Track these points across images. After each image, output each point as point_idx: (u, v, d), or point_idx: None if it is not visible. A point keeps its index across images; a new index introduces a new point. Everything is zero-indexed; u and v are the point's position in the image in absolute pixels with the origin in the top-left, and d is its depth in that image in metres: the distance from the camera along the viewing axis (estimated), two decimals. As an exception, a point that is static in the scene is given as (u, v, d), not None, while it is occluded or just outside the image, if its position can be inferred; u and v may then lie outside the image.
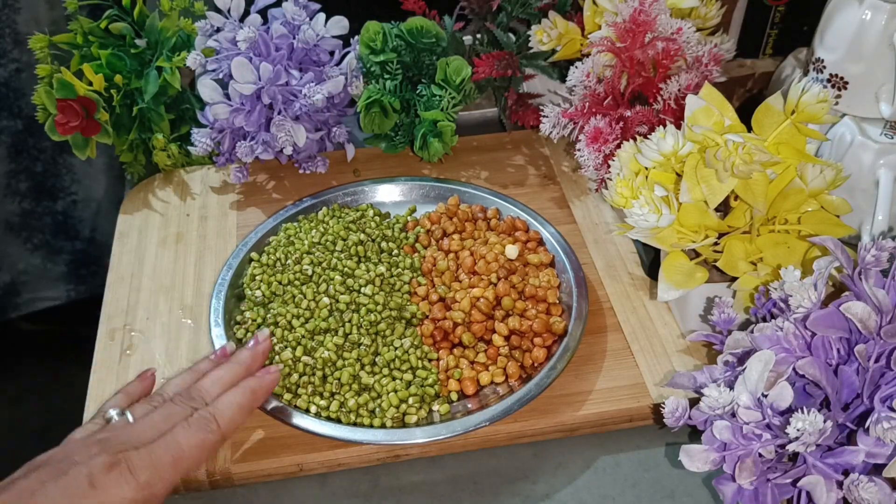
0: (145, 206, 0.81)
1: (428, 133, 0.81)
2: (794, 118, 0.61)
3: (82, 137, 0.78)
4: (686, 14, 0.78)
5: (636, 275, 0.74)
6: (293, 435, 0.60)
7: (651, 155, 0.64)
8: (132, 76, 0.80)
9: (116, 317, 0.70)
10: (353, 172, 0.85)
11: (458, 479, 0.61)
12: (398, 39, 0.81)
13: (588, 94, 0.75)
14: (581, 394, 0.64)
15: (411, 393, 0.62)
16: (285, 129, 0.77)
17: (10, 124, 1.34)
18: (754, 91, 0.88)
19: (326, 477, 0.61)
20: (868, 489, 0.48)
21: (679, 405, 0.55)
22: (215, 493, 0.60)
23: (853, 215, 0.67)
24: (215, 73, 0.78)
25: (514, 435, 0.62)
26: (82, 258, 1.53)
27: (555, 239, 0.74)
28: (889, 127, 0.71)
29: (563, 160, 0.86)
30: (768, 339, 0.54)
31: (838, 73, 0.71)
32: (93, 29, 0.81)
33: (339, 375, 0.63)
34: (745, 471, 0.51)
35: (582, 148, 0.73)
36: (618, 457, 0.63)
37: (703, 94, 0.64)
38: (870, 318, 0.52)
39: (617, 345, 0.68)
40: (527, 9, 0.83)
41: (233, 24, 0.79)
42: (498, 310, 0.67)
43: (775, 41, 0.90)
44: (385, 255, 0.73)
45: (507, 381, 0.64)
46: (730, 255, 0.63)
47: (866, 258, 0.54)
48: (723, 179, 0.60)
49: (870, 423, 0.49)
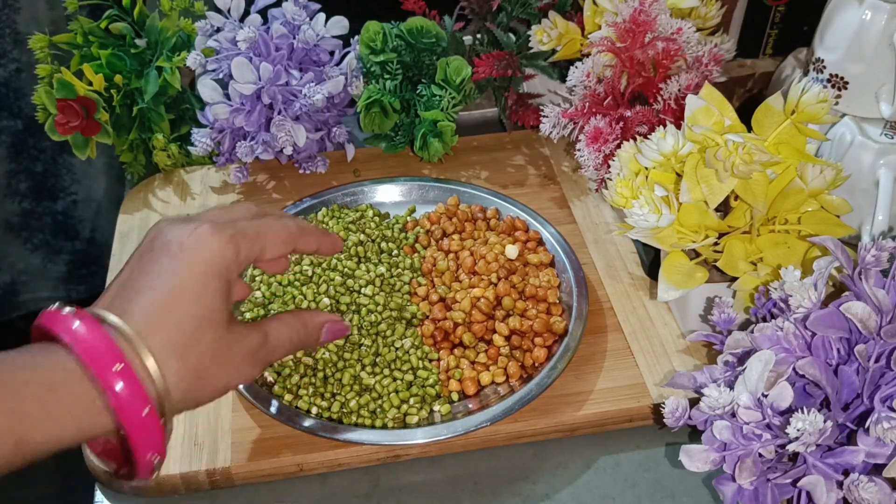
0: (145, 206, 0.81)
1: (428, 133, 0.81)
2: (794, 118, 0.61)
3: (82, 137, 0.78)
4: (686, 14, 0.78)
5: (636, 275, 0.74)
6: (293, 435, 0.60)
7: (651, 155, 0.64)
8: (132, 76, 0.80)
9: (116, 317, 0.70)
10: (353, 172, 0.85)
11: (458, 479, 0.61)
12: (398, 39, 0.81)
13: (588, 94, 0.75)
14: (581, 394, 0.64)
15: (412, 393, 0.62)
16: (285, 129, 0.77)
17: (10, 124, 1.34)
18: (754, 91, 0.88)
19: (326, 477, 0.61)
20: (868, 489, 0.48)
21: (679, 405, 0.55)
22: (215, 493, 0.60)
23: (853, 215, 0.67)
24: (215, 73, 0.78)
25: (514, 435, 0.62)
26: (82, 258, 1.53)
27: (555, 239, 0.74)
28: (889, 127, 0.71)
29: (563, 160, 0.86)
30: (768, 339, 0.54)
31: (838, 73, 0.71)
32: (93, 29, 0.81)
33: (340, 376, 0.63)
34: (745, 471, 0.51)
35: (582, 148, 0.73)
36: (618, 457, 0.63)
37: (703, 94, 0.64)
38: (870, 318, 0.52)
39: (617, 345, 0.68)
40: (527, 9, 0.83)
41: (233, 24, 0.79)
42: (498, 310, 0.67)
43: (775, 41, 0.90)
44: (385, 255, 0.73)
45: (507, 381, 0.64)
46: (730, 255, 0.63)
47: (866, 258, 0.54)
48: (723, 179, 0.60)
49: (870, 423, 0.49)
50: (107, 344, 0.41)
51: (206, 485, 0.60)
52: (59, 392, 0.40)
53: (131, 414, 0.41)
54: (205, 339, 0.45)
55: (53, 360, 0.41)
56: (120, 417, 0.41)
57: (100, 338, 0.41)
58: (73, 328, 0.41)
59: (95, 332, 0.41)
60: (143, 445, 0.42)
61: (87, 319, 0.42)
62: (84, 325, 0.41)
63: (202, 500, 0.60)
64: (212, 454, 0.60)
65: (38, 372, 0.40)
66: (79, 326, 0.41)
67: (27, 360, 0.41)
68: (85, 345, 0.41)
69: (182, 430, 0.61)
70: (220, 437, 0.61)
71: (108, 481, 0.60)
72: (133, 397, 0.41)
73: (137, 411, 0.41)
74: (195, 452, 0.60)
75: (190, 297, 0.45)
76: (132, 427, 0.41)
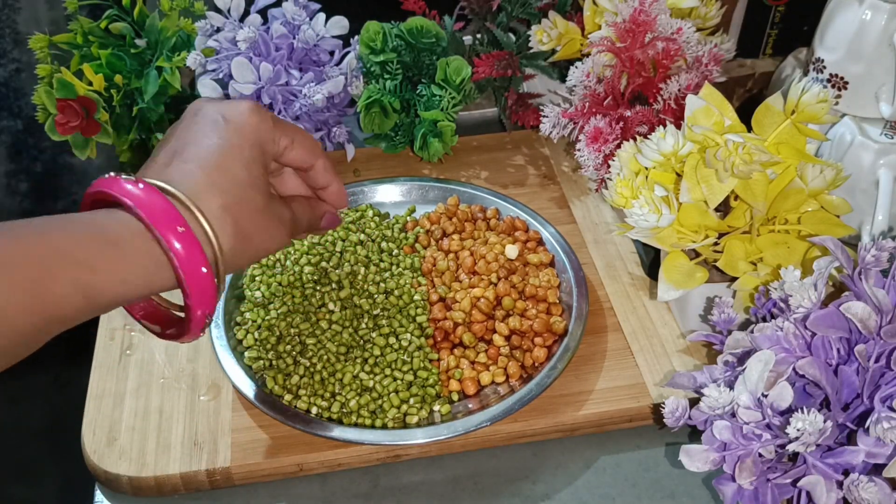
0: (145, 206, 0.81)
1: (428, 133, 0.81)
2: (794, 118, 0.61)
3: (82, 137, 0.78)
4: (686, 14, 0.78)
5: (636, 275, 0.74)
6: (293, 435, 0.61)
7: (651, 155, 0.64)
8: (132, 76, 0.80)
9: (116, 317, 0.70)
10: (353, 172, 0.85)
11: (458, 479, 0.61)
12: (398, 39, 0.81)
13: (588, 94, 0.75)
14: (581, 394, 0.64)
15: (412, 393, 0.62)
16: (285, 129, 0.77)
17: (10, 124, 1.34)
18: (754, 91, 0.88)
19: (326, 477, 0.61)
20: (868, 489, 0.48)
21: (679, 405, 0.55)
22: (215, 493, 0.60)
23: (853, 215, 0.67)
24: (215, 73, 0.78)
25: (514, 435, 0.62)
26: (82, 258, 1.53)
27: (555, 239, 0.74)
28: (889, 127, 0.71)
29: (563, 160, 0.86)
30: (768, 339, 0.54)
31: (838, 73, 0.71)
32: (93, 29, 0.81)
33: (341, 376, 0.63)
34: (745, 471, 0.51)
35: (582, 148, 0.73)
36: (618, 457, 0.63)
37: (703, 94, 0.64)
38: (870, 318, 0.52)
39: (617, 345, 0.68)
40: (527, 9, 0.83)
41: (233, 24, 0.79)
42: (498, 310, 0.67)
43: (775, 41, 0.90)
44: (385, 255, 0.73)
45: (507, 380, 0.64)
46: (730, 255, 0.63)
47: (866, 258, 0.54)
48: (723, 179, 0.60)
49: (870, 423, 0.49)
50: (167, 207, 0.44)
51: (206, 485, 0.60)
52: (124, 248, 0.43)
53: (191, 272, 0.44)
54: (252, 203, 0.48)
55: (117, 220, 0.44)
56: (182, 275, 0.44)
57: (160, 202, 0.44)
58: (136, 192, 0.44)
59: (155, 197, 0.44)
60: (199, 302, 0.45)
61: (147, 185, 0.44)
62: (145, 191, 0.44)
63: (202, 500, 0.60)
64: (212, 454, 0.60)
65: (104, 229, 0.43)
66: (140, 191, 0.44)
67: (91, 219, 0.44)
68: (147, 208, 0.43)
69: (182, 429, 0.61)
70: (220, 437, 0.61)
71: (107, 481, 0.60)
72: (193, 257, 0.44)
73: (197, 269, 0.44)
74: (195, 452, 0.60)
75: (239, 164, 0.48)
76: (192, 284, 0.44)
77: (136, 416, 0.62)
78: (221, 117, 0.49)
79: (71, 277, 0.41)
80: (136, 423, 0.62)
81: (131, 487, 0.59)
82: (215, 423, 0.62)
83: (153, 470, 0.59)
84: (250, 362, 0.64)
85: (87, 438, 0.61)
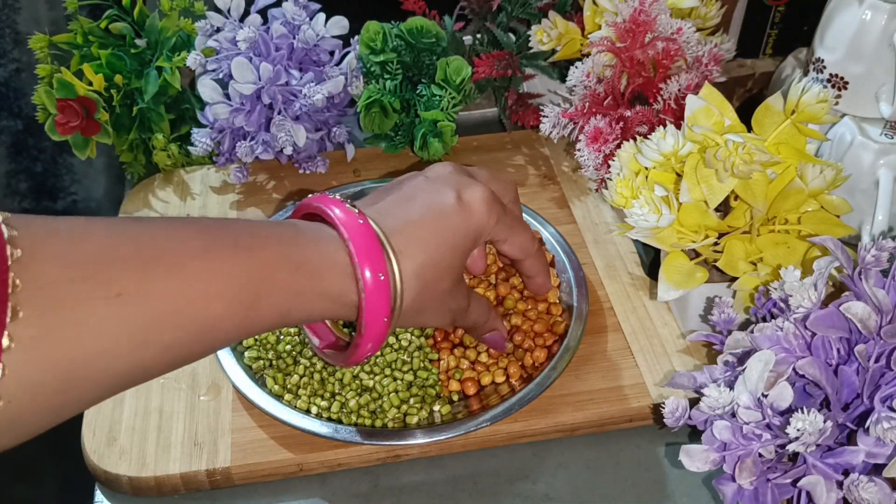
0: (145, 206, 0.81)
1: (428, 133, 0.81)
2: (794, 118, 0.61)
3: (82, 137, 0.78)
4: (686, 14, 0.78)
5: (636, 275, 0.74)
6: (293, 435, 0.60)
7: (651, 155, 0.64)
8: (132, 76, 0.80)
9: (116, 317, 0.70)
10: (353, 172, 0.85)
11: (458, 479, 0.61)
12: (398, 39, 0.81)
13: (588, 94, 0.75)
14: (581, 394, 0.64)
15: (412, 394, 0.62)
16: (285, 129, 0.77)
17: (10, 124, 1.34)
18: (754, 91, 0.88)
19: (326, 477, 0.61)
20: (868, 489, 0.48)
21: (679, 405, 0.55)
22: (215, 493, 0.60)
23: (853, 215, 0.67)
24: (215, 73, 0.78)
25: (514, 435, 0.62)
26: (82, 258, 1.53)
27: (555, 239, 0.74)
28: (889, 127, 0.71)
29: (563, 160, 0.86)
30: (768, 339, 0.54)
31: (838, 73, 0.71)
32: (93, 29, 0.81)
33: (340, 376, 0.63)
34: (745, 471, 0.51)
35: (582, 148, 0.73)
36: (618, 457, 0.63)
37: (703, 94, 0.64)
38: (870, 318, 0.52)
39: (617, 345, 0.68)
40: (527, 9, 0.83)
41: (233, 24, 0.79)
42: (499, 310, 0.67)
43: (775, 41, 0.90)
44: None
45: (508, 381, 0.64)
46: (730, 255, 0.63)
47: (866, 258, 0.54)
48: (723, 179, 0.60)
49: (870, 423, 0.49)
50: (377, 251, 0.46)
51: (206, 485, 0.60)
52: (325, 279, 0.45)
53: (374, 319, 0.47)
54: (440, 284, 0.50)
55: (326, 246, 0.46)
56: (364, 319, 0.46)
57: (372, 244, 0.46)
58: (354, 225, 0.46)
59: (370, 238, 0.46)
60: (370, 342, 0.48)
61: (366, 222, 0.46)
62: (363, 227, 0.46)
63: (202, 500, 0.60)
64: (212, 454, 0.60)
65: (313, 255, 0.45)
66: (359, 227, 0.46)
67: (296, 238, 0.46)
68: (359, 246, 0.45)
69: (182, 430, 0.61)
70: (220, 437, 0.61)
71: (107, 481, 0.60)
72: (381, 306, 0.46)
73: (380, 318, 0.47)
74: (195, 452, 0.60)
75: (449, 245, 0.50)
76: (370, 328, 0.47)
77: (136, 416, 0.62)
78: (457, 194, 0.51)
79: (274, 302, 0.43)
80: (136, 423, 0.62)
81: (131, 487, 0.59)
82: (215, 423, 0.62)
83: (153, 470, 0.59)
84: (250, 362, 0.64)
85: (87, 438, 0.61)
